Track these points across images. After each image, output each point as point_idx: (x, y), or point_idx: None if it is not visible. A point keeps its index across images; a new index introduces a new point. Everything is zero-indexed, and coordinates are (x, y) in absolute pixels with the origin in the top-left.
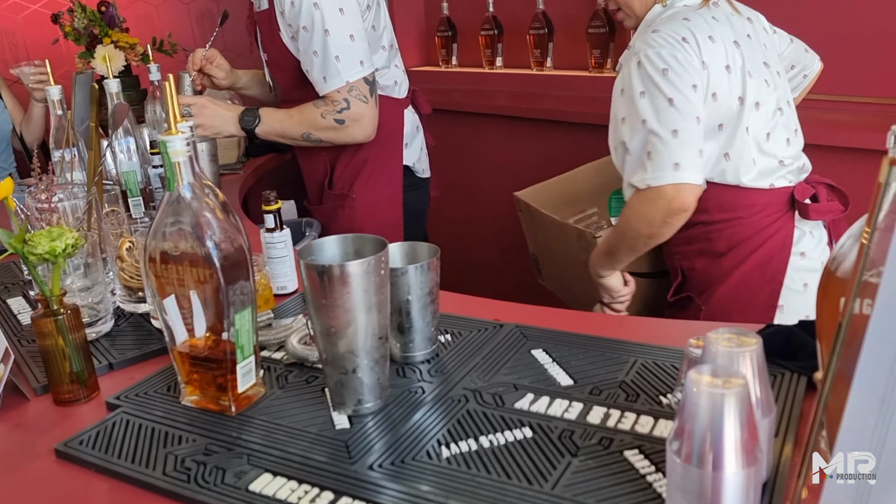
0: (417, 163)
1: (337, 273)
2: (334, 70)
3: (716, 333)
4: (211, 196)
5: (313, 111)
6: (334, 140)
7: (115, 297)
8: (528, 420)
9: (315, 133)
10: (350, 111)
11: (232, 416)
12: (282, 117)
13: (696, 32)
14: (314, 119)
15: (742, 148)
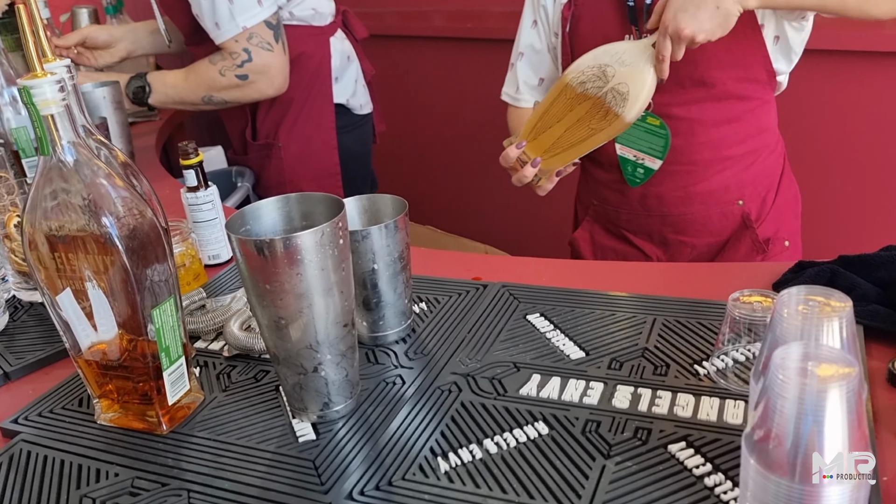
0: (352, 98)
1: (281, 248)
2: (226, 14)
3: (788, 294)
4: (105, 155)
5: (210, 69)
6: (240, 99)
7: (6, 284)
8: (541, 411)
9: (217, 94)
10: (252, 63)
11: (163, 436)
12: (174, 81)
13: None
14: (212, 78)
15: None
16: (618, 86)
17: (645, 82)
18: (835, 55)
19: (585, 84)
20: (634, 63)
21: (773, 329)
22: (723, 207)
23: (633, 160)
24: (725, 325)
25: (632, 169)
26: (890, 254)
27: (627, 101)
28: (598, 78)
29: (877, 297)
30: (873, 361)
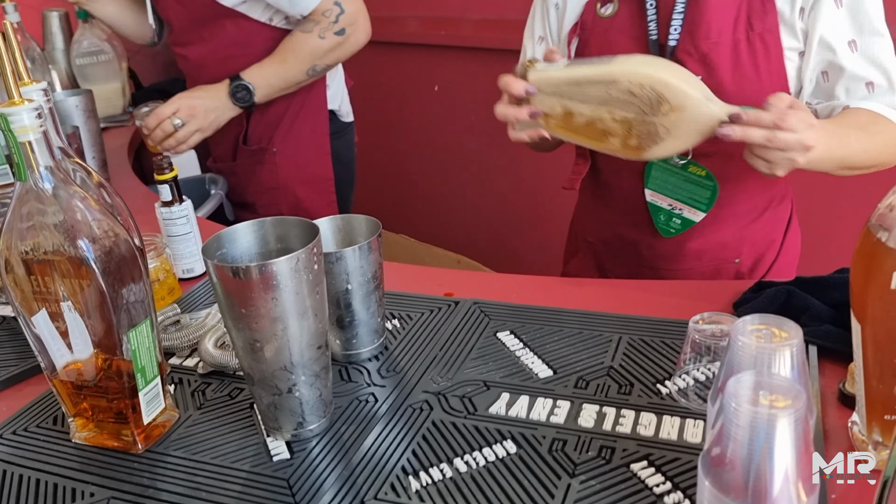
0: (341, 105)
1: (257, 274)
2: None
3: (743, 323)
4: (80, 177)
5: (308, 39)
6: (341, 58)
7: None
8: (509, 429)
9: (320, 62)
10: (346, 14)
11: (139, 456)
12: (275, 69)
13: None
14: (315, 47)
15: None
16: (660, 127)
17: (683, 147)
18: None
19: (635, 97)
20: (691, 119)
21: (729, 355)
22: (717, 265)
23: (667, 209)
24: (687, 345)
25: (665, 218)
26: (843, 276)
27: (658, 146)
28: (650, 103)
29: (830, 317)
30: (825, 381)
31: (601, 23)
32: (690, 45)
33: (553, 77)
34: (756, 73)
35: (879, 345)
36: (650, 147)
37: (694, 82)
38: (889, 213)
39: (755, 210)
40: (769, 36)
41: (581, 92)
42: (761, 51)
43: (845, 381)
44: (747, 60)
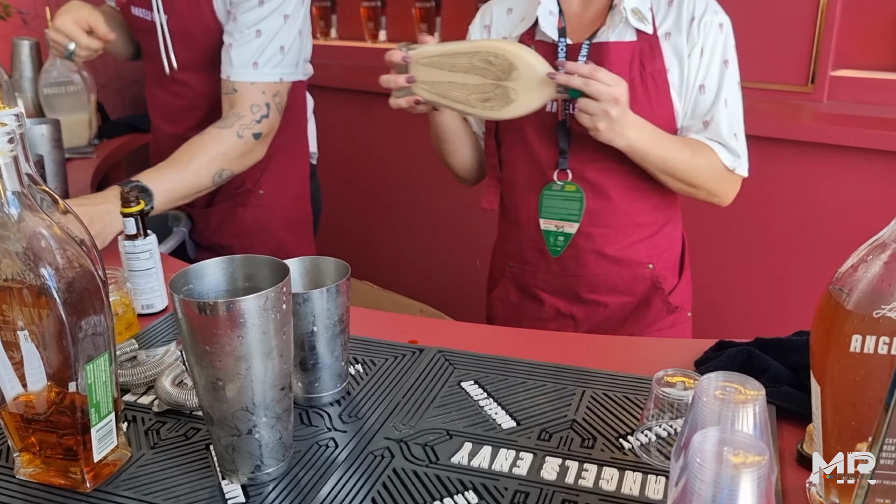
0: (313, 147)
1: (224, 311)
2: (274, 60)
3: (707, 380)
4: (47, 205)
5: (223, 135)
6: (244, 166)
7: None
8: (471, 479)
9: (227, 166)
10: (268, 121)
11: (86, 494)
12: (176, 175)
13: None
14: (229, 145)
15: None
16: (511, 90)
17: (530, 107)
18: (757, 140)
19: (491, 65)
20: (533, 79)
21: (693, 411)
22: (634, 270)
23: (554, 230)
24: (650, 401)
25: (553, 239)
26: (802, 339)
27: (508, 108)
28: (503, 69)
29: (788, 379)
30: (784, 442)
31: None
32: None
33: (428, 50)
34: (649, 106)
35: (838, 406)
36: (505, 106)
37: (538, 56)
38: (849, 278)
39: (656, 223)
40: (658, 76)
41: (450, 62)
42: (652, 88)
43: (803, 443)
44: (641, 96)
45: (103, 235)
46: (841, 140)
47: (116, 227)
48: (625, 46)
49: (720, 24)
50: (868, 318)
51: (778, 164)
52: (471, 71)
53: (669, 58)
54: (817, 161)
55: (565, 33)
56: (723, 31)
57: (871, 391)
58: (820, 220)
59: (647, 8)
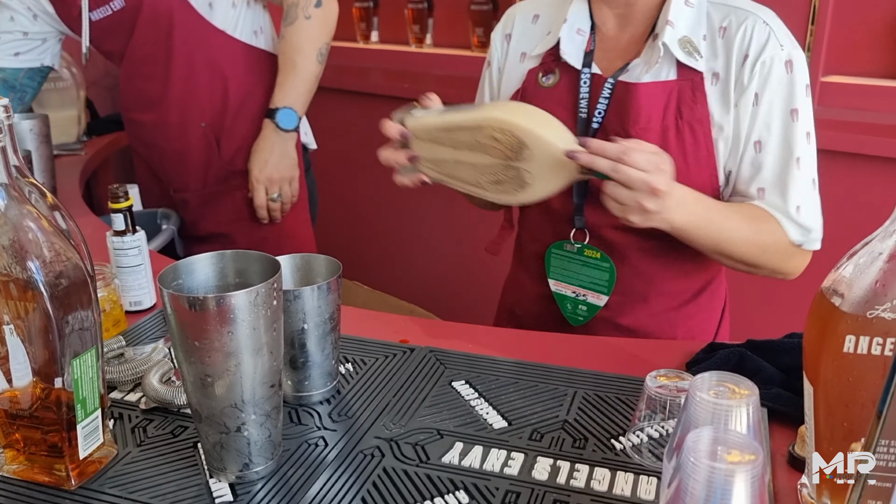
0: (306, 136)
1: (214, 306)
2: None
3: (701, 379)
4: (35, 197)
5: (298, 27)
6: (331, 31)
7: None
8: (462, 479)
9: (321, 42)
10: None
11: (71, 492)
12: (293, 78)
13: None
14: (306, 30)
15: None
16: (524, 171)
17: (549, 190)
18: None
19: (498, 143)
20: (548, 159)
21: (686, 411)
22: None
23: (572, 297)
24: (642, 401)
25: (572, 307)
26: (793, 341)
27: (523, 192)
28: (512, 148)
29: (780, 381)
30: (775, 443)
31: (541, 92)
32: (621, 129)
33: (427, 123)
34: (684, 160)
35: (831, 408)
36: (519, 191)
37: (554, 125)
38: (843, 279)
39: (685, 292)
40: (698, 126)
41: (451, 138)
42: (689, 139)
43: (795, 444)
44: (675, 148)
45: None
46: (832, 145)
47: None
48: (659, 88)
49: (787, 61)
50: (861, 319)
51: None
52: (476, 149)
53: (714, 104)
54: None
55: (592, 59)
56: (791, 71)
57: (864, 392)
58: None
59: (700, 37)
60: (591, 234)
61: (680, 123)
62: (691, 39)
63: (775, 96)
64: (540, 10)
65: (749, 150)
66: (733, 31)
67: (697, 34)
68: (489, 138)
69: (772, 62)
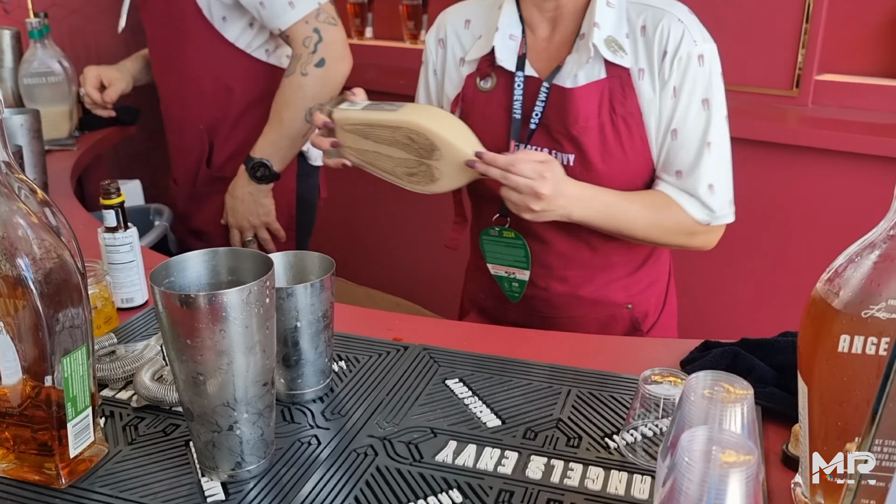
0: (310, 147)
1: (206, 304)
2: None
3: (696, 379)
4: (25, 195)
5: (292, 83)
6: (330, 91)
7: None
8: (456, 478)
9: (312, 102)
10: (324, 42)
11: (61, 491)
12: (277, 131)
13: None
14: (300, 88)
15: None
16: (434, 169)
17: (455, 185)
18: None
19: (413, 143)
20: (454, 162)
21: (681, 410)
22: (612, 310)
23: (506, 276)
24: (636, 400)
25: (508, 285)
26: (787, 339)
27: (433, 185)
28: (425, 148)
29: (774, 379)
30: (769, 442)
31: (480, 96)
32: (563, 129)
33: (351, 117)
34: (622, 151)
35: (825, 407)
36: (429, 183)
37: (464, 133)
38: (838, 278)
39: (633, 262)
40: (630, 118)
41: (373, 132)
42: (624, 131)
43: (788, 443)
44: (613, 141)
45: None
46: (825, 144)
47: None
48: (592, 88)
49: (700, 55)
50: (856, 319)
51: (763, 167)
52: (394, 144)
53: (644, 96)
54: (802, 164)
55: (525, 62)
56: (703, 64)
57: (858, 391)
58: (804, 223)
59: (623, 35)
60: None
61: (614, 118)
62: (615, 38)
63: (691, 88)
64: (471, 15)
65: (667, 139)
66: (651, 30)
67: (620, 33)
68: (406, 138)
69: (688, 58)
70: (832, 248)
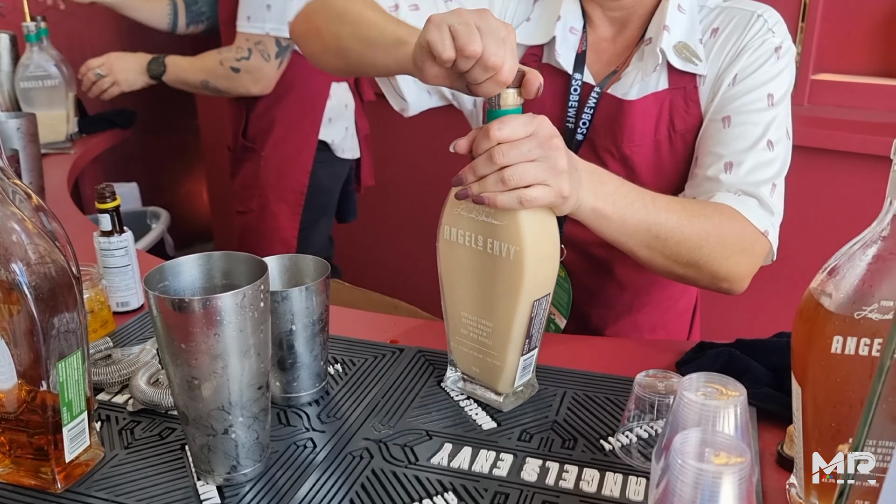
0: (340, 141)
1: (200, 308)
2: (261, 15)
3: (689, 381)
4: (20, 200)
5: (213, 57)
6: (229, 89)
7: None
8: (451, 481)
9: (212, 81)
10: (249, 62)
11: (57, 495)
12: (185, 65)
13: None
14: (213, 66)
15: None
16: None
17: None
18: None
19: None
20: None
21: (675, 412)
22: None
23: (551, 317)
24: (631, 402)
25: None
26: (782, 340)
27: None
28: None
29: (769, 380)
30: (764, 443)
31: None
32: (612, 145)
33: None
34: (675, 169)
35: (819, 408)
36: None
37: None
38: (831, 279)
39: (668, 300)
40: (690, 136)
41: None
42: (681, 150)
43: (783, 444)
44: (667, 159)
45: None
46: (821, 143)
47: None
48: (651, 101)
49: (777, 47)
50: (849, 320)
51: None
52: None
53: (704, 104)
54: (798, 164)
55: (584, 63)
56: (778, 57)
57: (851, 392)
58: (799, 223)
59: (696, 40)
60: (578, 251)
61: (673, 135)
62: (688, 44)
63: (758, 77)
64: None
65: (716, 127)
66: (728, 30)
67: (693, 38)
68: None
69: (761, 44)
70: (827, 248)
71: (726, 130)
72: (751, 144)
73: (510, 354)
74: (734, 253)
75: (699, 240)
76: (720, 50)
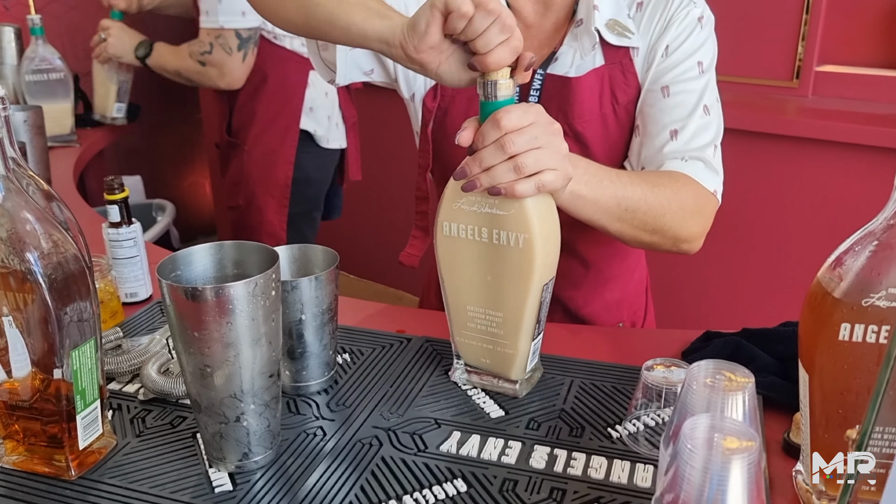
0: (324, 132)
1: (213, 297)
2: (213, 8)
3: (698, 367)
4: (32, 190)
5: (185, 49)
6: (200, 82)
7: None
8: (460, 468)
9: (183, 72)
10: (211, 56)
11: (71, 482)
12: (166, 53)
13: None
14: (184, 58)
15: None
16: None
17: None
18: (742, 135)
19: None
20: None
21: (683, 399)
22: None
23: None
24: (638, 390)
25: None
26: (788, 329)
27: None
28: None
29: (775, 369)
30: (771, 431)
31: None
32: (565, 124)
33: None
34: (622, 140)
35: (826, 395)
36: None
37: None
38: (838, 267)
39: (624, 275)
40: (632, 106)
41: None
42: (626, 121)
43: (790, 431)
44: (615, 132)
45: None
46: (825, 135)
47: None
48: (592, 77)
49: (699, 17)
50: (857, 307)
51: (763, 158)
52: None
53: (640, 75)
54: (802, 155)
55: None
56: (702, 26)
57: (858, 380)
58: (804, 213)
59: (624, 16)
60: None
61: (616, 108)
62: (618, 20)
63: (687, 47)
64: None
65: (656, 97)
66: (653, 3)
67: (621, 14)
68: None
69: (686, 17)
70: (832, 238)
71: (666, 100)
72: (689, 111)
73: (522, 341)
74: (692, 215)
75: (662, 208)
76: (648, 22)
